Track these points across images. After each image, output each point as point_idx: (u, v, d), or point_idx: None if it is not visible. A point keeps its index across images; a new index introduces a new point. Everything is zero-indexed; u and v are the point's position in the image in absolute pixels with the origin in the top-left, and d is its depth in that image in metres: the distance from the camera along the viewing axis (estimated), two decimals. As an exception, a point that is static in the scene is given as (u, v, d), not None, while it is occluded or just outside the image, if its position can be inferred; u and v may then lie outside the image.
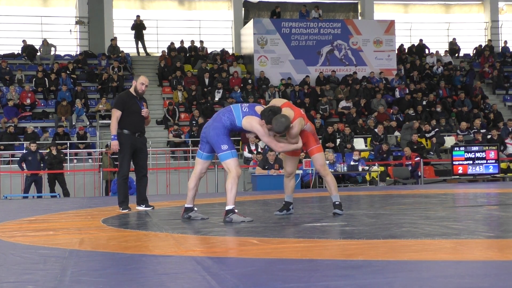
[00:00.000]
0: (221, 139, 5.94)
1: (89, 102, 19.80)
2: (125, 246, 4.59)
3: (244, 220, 5.86)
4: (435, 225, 5.25)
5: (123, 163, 7.65)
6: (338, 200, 6.37)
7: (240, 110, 5.96)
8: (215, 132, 5.97)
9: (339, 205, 6.36)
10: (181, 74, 20.99)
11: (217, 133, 5.96)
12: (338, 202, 6.36)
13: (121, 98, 7.71)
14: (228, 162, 5.95)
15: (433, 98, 21.16)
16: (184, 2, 25.03)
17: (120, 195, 7.71)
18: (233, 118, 5.93)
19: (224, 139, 5.94)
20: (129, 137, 7.56)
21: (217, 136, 5.96)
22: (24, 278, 3.34)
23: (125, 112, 7.58)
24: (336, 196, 6.37)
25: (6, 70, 20.43)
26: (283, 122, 5.71)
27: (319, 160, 6.28)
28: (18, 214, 7.90)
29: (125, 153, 7.59)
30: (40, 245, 4.63)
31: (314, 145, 6.25)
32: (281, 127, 5.71)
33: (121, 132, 7.58)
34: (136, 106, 7.65)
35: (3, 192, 14.94)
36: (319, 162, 6.29)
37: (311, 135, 6.24)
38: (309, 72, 21.99)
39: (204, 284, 3.06)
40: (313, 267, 3.45)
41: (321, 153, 6.33)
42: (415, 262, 3.56)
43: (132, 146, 7.55)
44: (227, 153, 5.94)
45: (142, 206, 7.77)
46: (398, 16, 25.86)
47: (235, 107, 6.02)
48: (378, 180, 15.21)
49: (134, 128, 7.59)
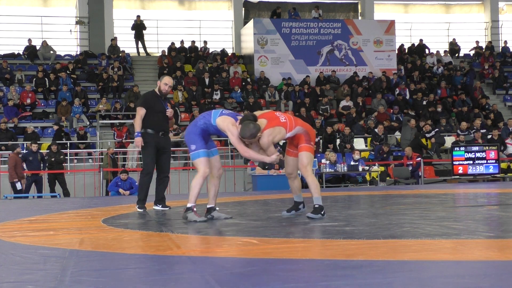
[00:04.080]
0: (192, 139, 6.08)
1: (89, 102, 19.80)
2: (125, 246, 4.59)
3: (197, 220, 5.99)
4: (435, 225, 5.25)
5: (147, 160, 7.69)
6: (319, 203, 6.12)
7: (218, 112, 6.07)
8: (188, 131, 6.18)
9: (318, 208, 6.08)
10: (181, 74, 20.99)
11: (189, 132, 6.15)
12: (318, 206, 6.11)
13: (146, 97, 7.78)
14: (196, 162, 6.10)
15: (433, 98, 21.17)
16: (184, 2, 25.03)
17: (141, 192, 7.73)
18: (209, 119, 6.04)
19: (195, 139, 6.06)
20: (153, 136, 7.60)
21: (188, 135, 6.12)
22: (24, 278, 3.34)
23: (149, 111, 7.63)
24: (317, 198, 6.13)
25: (7, 70, 20.44)
26: (249, 128, 5.72)
27: (303, 158, 6.13)
28: (18, 214, 7.90)
29: (149, 151, 7.63)
30: (40, 245, 4.63)
31: (303, 143, 6.13)
32: (246, 132, 5.73)
33: (145, 131, 7.63)
34: (160, 106, 7.69)
35: (3, 192, 14.94)
36: (302, 161, 6.14)
37: (303, 135, 6.13)
38: (309, 72, 21.99)
39: (204, 284, 3.06)
40: (313, 267, 3.45)
41: (308, 153, 6.14)
42: (415, 262, 3.56)
43: (156, 145, 7.59)
44: (195, 153, 6.07)
45: (159, 206, 7.77)
46: (398, 16, 25.86)
47: (215, 111, 6.16)
48: (378, 180, 15.21)
49: (158, 127, 7.64)
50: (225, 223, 5.98)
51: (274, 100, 20.79)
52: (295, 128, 6.04)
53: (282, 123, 5.95)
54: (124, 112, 19.12)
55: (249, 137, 5.76)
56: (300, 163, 6.17)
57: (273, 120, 5.95)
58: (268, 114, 6.05)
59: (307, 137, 6.15)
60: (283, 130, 5.94)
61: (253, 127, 5.73)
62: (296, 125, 6.06)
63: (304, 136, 6.13)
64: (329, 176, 14.95)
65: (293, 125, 6.02)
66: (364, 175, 15.38)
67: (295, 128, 6.04)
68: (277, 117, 6.01)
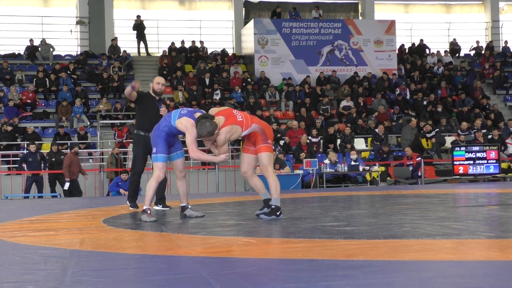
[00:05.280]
0: (154, 142, 6.31)
1: (89, 102, 19.81)
2: (126, 246, 4.59)
3: (147, 220, 6.15)
4: (436, 225, 5.25)
5: (137, 161, 7.80)
6: (276, 204, 6.05)
7: (178, 113, 6.22)
8: (152, 134, 6.41)
9: (273, 210, 6.04)
10: (181, 74, 21.00)
11: (153, 134, 6.37)
12: (274, 206, 6.04)
13: (140, 92, 7.85)
14: (153, 164, 6.36)
15: (434, 98, 21.17)
16: (185, 2, 25.04)
17: (130, 190, 7.92)
18: (169, 120, 6.21)
19: (157, 142, 6.30)
20: (144, 137, 7.62)
21: (152, 138, 6.37)
22: (25, 278, 3.34)
23: (141, 111, 7.78)
24: (276, 199, 6.06)
25: (7, 70, 20.44)
26: (206, 127, 5.79)
27: (262, 159, 6.11)
28: (19, 214, 7.90)
29: (139, 152, 7.73)
30: (41, 245, 4.63)
31: (260, 143, 6.11)
32: (203, 131, 5.81)
33: (137, 133, 7.75)
34: (153, 106, 7.71)
35: (4, 192, 14.94)
36: (261, 161, 6.13)
37: (259, 134, 6.11)
38: (310, 72, 21.99)
39: (204, 284, 3.06)
40: (313, 267, 3.45)
41: (267, 153, 6.12)
42: (416, 262, 3.56)
43: (147, 146, 7.60)
44: (153, 156, 6.33)
45: (159, 206, 7.79)
46: (398, 16, 25.86)
47: (175, 111, 6.31)
48: (379, 180, 15.21)
49: (150, 128, 7.64)
50: (226, 223, 5.98)
51: (275, 100, 20.80)
52: (251, 126, 6.08)
53: (239, 122, 6.00)
54: (124, 112, 19.13)
55: (206, 135, 5.85)
56: (261, 165, 6.18)
57: (231, 117, 6.00)
58: (225, 111, 6.11)
59: (264, 136, 6.13)
60: (240, 129, 5.99)
61: (209, 125, 5.81)
62: (252, 123, 6.09)
63: (261, 135, 6.12)
64: (330, 176, 14.95)
65: (249, 123, 6.07)
66: (364, 175, 15.38)
67: (251, 126, 6.08)
68: (234, 115, 6.05)
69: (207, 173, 16.18)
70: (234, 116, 6.02)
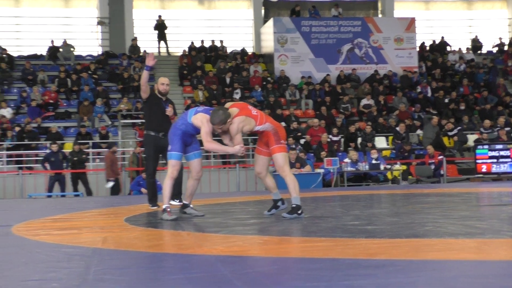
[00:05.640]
0: (170, 139, 6.35)
1: (110, 102, 19.94)
2: (148, 245, 4.61)
3: (168, 219, 6.15)
4: (459, 224, 5.20)
5: (149, 162, 7.90)
6: (296, 203, 6.05)
7: (194, 111, 6.30)
8: (169, 132, 6.45)
9: (294, 208, 6.04)
10: (201, 74, 21.05)
11: (169, 132, 6.42)
12: (295, 205, 6.05)
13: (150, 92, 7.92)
14: (168, 162, 6.41)
15: (455, 96, 20.99)
16: (204, 2, 25.10)
17: (148, 192, 7.96)
18: (186, 118, 6.27)
19: (172, 140, 6.34)
20: (154, 138, 7.71)
21: (169, 135, 6.41)
22: (49, 276, 3.38)
23: (149, 112, 7.86)
24: (295, 198, 6.07)
25: (30, 70, 20.66)
26: (219, 115, 5.90)
27: (278, 160, 6.13)
28: (42, 213, 7.98)
29: (150, 153, 7.81)
30: (64, 243, 4.67)
31: (274, 144, 6.13)
32: (216, 118, 5.90)
33: (147, 133, 7.82)
34: (160, 107, 7.81)
35: (28, 192, 15.11)
36: (277, 162, 6.15)
37: (272, 135, 6.13)
38: (330, 71, 21.93)
39: (225, 283, 3.07)
40: (334, 266, 3.44)
41: (282, 153, 6.13)
42: (438, 262, 3.53)
43: (157, 146, 7.69)
44: (168, 154, 6.38)
45: (176, 201, 7.83)
46: (419, 13, 25.67)
47: (191, 110, 6.39)
48: (400, 179, 15.11)
49: (159, 128, 7.72)
50: (246, 222, 5.99)
51: (295, 99, 20.77)
52: (265, 124, 6.12)
53: (253, 115, 6.07)
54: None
55: (219, 123, 5.92)
56: (276, 166, 6.19)
57: (245, 110, 6.08)
58: (240, 104, 6.22)
59: (276, 137, 6.15)
60: (253, 121, 6.05)
61: (222, 113, 5.91)
62: (266, 121, 6.14)
63: (274, 136, 6.15)
64: (351, 174, 14.90)
65: (263, 120, 6.12)
66: (385, 174, 15.30)
67: (265, 123, 6.12)
68: (249, 109, 6.15)
69: (228, 172, 16.21)
70: (249, 110, 6.11)
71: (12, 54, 21.77)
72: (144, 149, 8.05)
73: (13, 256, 4.15)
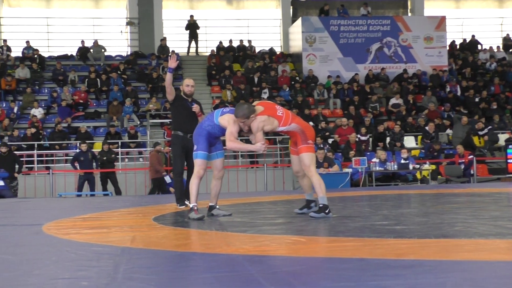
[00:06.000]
0: (196, 139, 6.40)
1: (139, 101, 20.11)
2: (176, 244, 4.64)
3: (195, 217, 6.16)
4: (489, 225, 5.14)
5: (176, 162, 8.02)
6: (324, 202, 6.08)
7: (220, 111, 6.36)
8: (194, 132, 6.50)
9: (322, 208, 6.08)
10: (229, 73, 21.10)
11: (195, 132, 6.47)
12: (322, 205, 6.08)
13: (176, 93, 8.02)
14: (194, 161, 6.43)
15: (486, 95, 20.73)
16: (232, 2, 25.14)
17: (177, 192, 8.05)
18: (212, 119, 6.31)
19: (198, 140, 6.37)
20: (182, 138, 7.82)
21: (194, 136, 6.46)
22: (79, 275, 3.42)
23: (176, 112, 7.99)
24: (322, 198, 6.08)
25: (61, 71, 20.92)
26: (243, 108, 5.96)
27: (304, 160, 6.15)
28: (72, 212, 8.07)
29: (177, 152, 7.93)
30: (94, 242, 4.72)
31: (301, 144, 6.18)
32: (239, 111, 5.96)
33: (175, 133, 7.95)
34: (186, 108, 7.90)
35: (58, 191, 15.30)
36: (303, 162, 6.17)
37: (299, 134, 6.17)
38: (358, 70, 21.82)
39: (253, 282, 3.07)
40: (363, 266, 3.42)
41: (308, 153, 6.15)
42: (468, 262, 3.49)
43: (184, 146, 7.79)
44: (194, 153, 6.41)
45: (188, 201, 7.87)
46: (449, 11, 25.39)
47: (217, 111, 6.44)
48: (429, 178, 14.97)
49: (186, 128, 7.79)
50: (274, 222, 5.99)
51: (323, 99, 20.70)
52: (290, 125, 6.13)
53: (278, 116, 6.10)
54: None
55: (241, 117, 5.96)
56: (303, 165, 6.22)
57: (270, 110, 6.11)
58: (267, 104, 6.26)
59: (304, 136, 6.17)
60: (276, 122, 6.08)
61: (246, 107, 5.97)
62: (292, 122, 6.15)
63: (301, 136, 6.17)
64: (379, 174, 14.80)
65: (289, 121, 6.13)
66: (414, 174, 15.15)
67: (290, 124, 6.13)
68: (275, 109, 6.16)
69: (256, 172, 16.22)
70: (275, 110, 6.13)
71: (43, 54, 22.08)
72: (171, 149, 8.16)
73: (44, 255, 4.21)
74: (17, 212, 8.53)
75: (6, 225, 6.54)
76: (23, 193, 15.13)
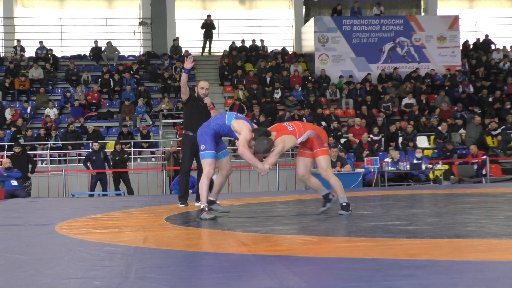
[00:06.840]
0: (203, 139, 6.33)
1: (152, 101, 20.16)
2: (188, 244, 4.65)
3: (207, 218, 6.16)
4: (502, 225, 5.11)
5: (184, 161, 8.13)
6: (345, 201, 6.35)
7: (234, 115, 6.33)
8: (200, 131, 6.41)
9: (346, 206, 6.33)
10: (242, 73, 21.11)
11: (201, 132, 6.39)
12: (345, 203, 6.34)
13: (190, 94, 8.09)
14: (203, 161, 6.37)
15: (500, 95, 20.59)
16: (245, 2, 25.16)
17: (180, 190, 8.16)
18: (223, 120, 6.29)
19: (205, 139, 6.31)
20: (192, 138, 7.85)
21: (201, 135, 6.37)
22: (91, 274, 3.43)
23: (189, 112, 8.07)
24: (343, 197, 6.36)
25: (74, 71, 21.02)
26: (264, 144, 5.98)
27: (321, 163, 6.32)
28: (85, 212, 8.11)
29: (186, 152, 8.04)
30: (106, 242, 4.74)
31: (317, 148, 6.33)
32: (261, 148, 6.00)
33: (186, 133, 8.07)
34: (199, 108, 8.00)
35: (71, 191, 15.38)
36: (320, 165, 6.34)
37: (315, 140, 6.32)
38: (371, 70, 21.77)
39: (266, 282, 3.07)
40: (375, 266, 3.41)
41: (324, 156, 6.34)
42: (481, 263, 3.47)
43: (194, 146, 7.78)
44: (203, 153, 6.33)
45: (199, 202, 7.88)
46: (462, 11, 25.26)
47: (229, 113, 6.40)
48: (442, 178, 14.90)
49: (197, 129, 7.77)
50: (286, 222, 5.99)
51: (335, 98, 20.67)
52: (305, 133, 6.28)
53: (291, 132, 6.21)
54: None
55: (263, 152, 6.05)
56: (320, 169, 6.38)
57: (282, 130, 6.22)
58: (276, 127, 6.36)
59: (319, 141, 6.34)
60: (293, 138, 6.20)
61: (267, 143, 6.01)
62: (305, 130, 6.28)
63: (316, 140, 6.33)
64: (391, 174, 14.75)
65: (302, 131, 6.27)
66: (427, 174, 15.09)
67: (305, 133, 6.27)
68: (285, 127, 6.28)
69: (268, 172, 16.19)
70: (285, 128, 6.26)
71: (56, 55, 22.20)
72: (180, 148, 8.26)
73: (56, 255, 4.22)
74: (30, 212, 8.58)
75: (19, 224, 6.58)
76: (36, 193, 15.22)
